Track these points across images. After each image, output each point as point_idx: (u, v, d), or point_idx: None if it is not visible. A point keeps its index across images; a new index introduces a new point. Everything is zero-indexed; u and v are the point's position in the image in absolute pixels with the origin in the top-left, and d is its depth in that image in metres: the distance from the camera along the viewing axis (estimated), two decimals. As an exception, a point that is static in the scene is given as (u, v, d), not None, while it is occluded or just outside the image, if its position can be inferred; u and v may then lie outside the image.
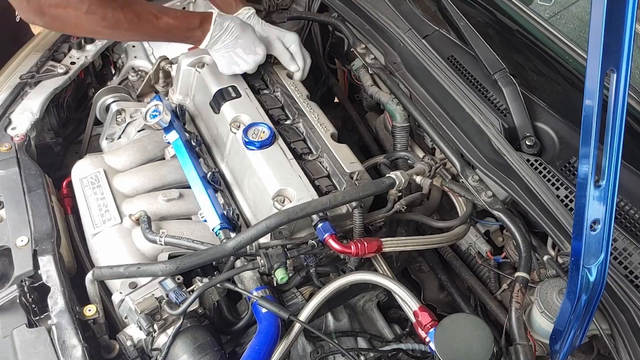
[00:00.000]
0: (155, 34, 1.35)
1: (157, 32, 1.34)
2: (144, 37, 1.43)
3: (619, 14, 0.65)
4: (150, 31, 1.33)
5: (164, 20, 1.33)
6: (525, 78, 1.49)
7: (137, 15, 1.28)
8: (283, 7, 1.85)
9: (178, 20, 1.36)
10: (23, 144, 1.46)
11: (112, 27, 1.24)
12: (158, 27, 1.32)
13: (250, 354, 1.08)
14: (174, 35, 1.38)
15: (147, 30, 1.32)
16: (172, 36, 1.38)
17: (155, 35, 1.37)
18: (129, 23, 1.26)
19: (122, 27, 1.26)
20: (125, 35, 1.38)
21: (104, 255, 1.28)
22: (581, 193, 0.78)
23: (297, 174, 1.32)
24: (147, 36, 1.40)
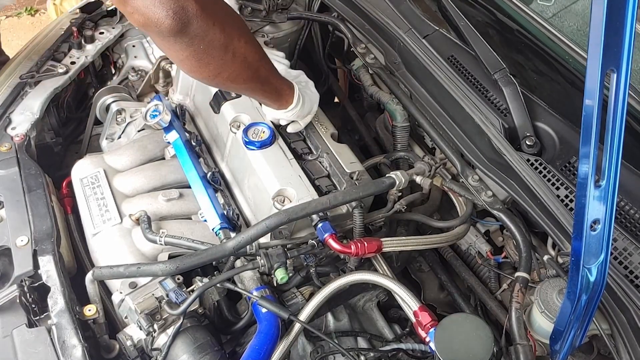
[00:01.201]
0: (258, 90, 1.26)
1: (264, 80, 1.24)
2: (243, 88, 1.26)
3: (619, 14, 0.65)
4: (258, 87, 1.24)
5: (267, 60, 1.23)
6: (525, 78, 1.49)
7: (265, 68, 1.21)
8: (283, 7, 1.85)
9: (281, 83, 1.30)
10: (23, 144, 1.46)
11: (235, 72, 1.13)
12: (264, 88, 1.26)
13: (250, 354, 1.08)
14: (267, 94, 1.29)
15: (255, 85, 1.23)
16: (264, 95, 1.30)
17: (253, 90, 1.27)
18: (257, 71, 1.18)
19: (246, 74, 1.15)
20: (240, 79, 1.18)
21: (104, 255, 1.28)
22: (581, 193, 0.78)
23: (297, 173, 1.32)
24: (251, 89, 1.26)
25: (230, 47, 1.09)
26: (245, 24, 1.20)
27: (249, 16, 1.82)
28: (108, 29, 1.86)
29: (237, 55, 1.11)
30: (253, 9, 1.83)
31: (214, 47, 1.06)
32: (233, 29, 1.09)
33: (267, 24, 1.84)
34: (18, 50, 1.76)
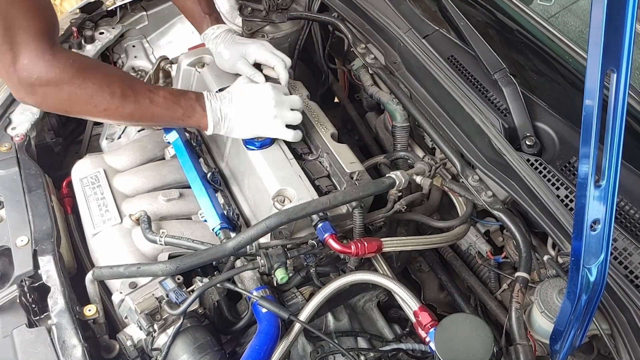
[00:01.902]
0: (149, 109, 1.23)
1: (152, 107, 1.23)
2: (141, 116, 1.24)
3: (619, 14, 0.65)
4: (145, 106, 1.22)
5: (161, 93, 1.24)
6: (525, 78, 1.49)
7: (133, 89, 1.21)
8: (283, 7, 1.85)
9: (174, 94, 1.28)
10: (23, 144, 1.46)
11: (106, 101, 1.17)
12: (153, 100, 1.22)
13: (250, 354, 1.08)
14: (172, 110, 1.26)
15: (143, 104, 1.21)
16: (170, 111, 1.26)
17: (150, 112, 1.24)
18: (124, 98, 1.18)
19: (117, 102, 1.18)
20: (121, 113, 1.20)
21: (104, 255, 1.28)
22: (581, 193, 0.78)
23: (297, 173, 1.32)
24: (141, 113, 1.23)
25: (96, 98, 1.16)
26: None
27: (249, 16, 1.82)
28: (108, 29, 1.87)
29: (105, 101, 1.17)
30: (253, 9, 1.83)
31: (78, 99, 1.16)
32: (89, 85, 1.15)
33: (267, 24, 1.85)
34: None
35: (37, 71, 1.08)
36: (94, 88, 1.15)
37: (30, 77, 1.08)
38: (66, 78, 1.12)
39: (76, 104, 1.16)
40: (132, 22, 1.96)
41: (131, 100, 1.20)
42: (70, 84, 1.12)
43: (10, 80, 1.10)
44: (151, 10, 1.99)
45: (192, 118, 1.29)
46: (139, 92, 1.22)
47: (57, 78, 1.10)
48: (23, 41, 1.05)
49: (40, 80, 1.09)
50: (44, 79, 1.09)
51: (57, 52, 1.11)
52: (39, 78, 1.09)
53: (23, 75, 1.08)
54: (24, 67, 1.07)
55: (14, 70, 1.07)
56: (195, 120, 1.29)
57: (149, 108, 1.23)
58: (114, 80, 1.20)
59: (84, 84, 1.14)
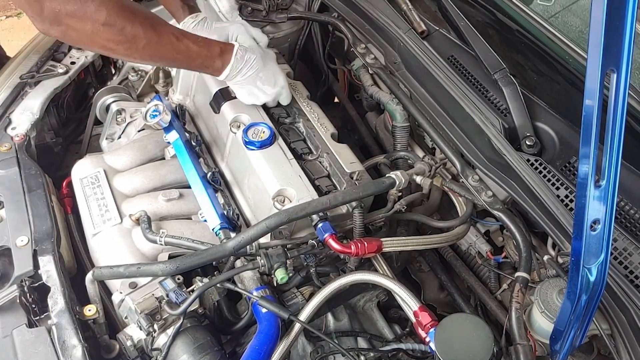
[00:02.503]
0: (173, 56, 1.26)
1: (176, 55, 1.25)
2: (161, 59, 1.28)
3: (619, 14, 0.65)
4: (169, 53, 1.24)
5: (184, 42, 1.25)
6: (525, 78, 1.49)
7: (156, 33, 1.20)
8: (283, 7, 1.85)
9: (198, 45, 1.29)
10: (23, 144, 1.46)
11: (129, 41, 1.16)
12: (178, 49, 1.24)
13: (250, 354, 1.08)
14: (192, 60, 1.30)
15: (165, 51, 1.23)
16: (190, 61, 1.30)
17: (173, 59, 1.27)
18: (148, 40, 1.18)
19: (140, 44, 1.17)
20: (142, 55, 1.21)
21: (104, 255, 1.28)
22: (581, 193, 0.77)
23: (297, 173, 1.32)
24: (165, 58, 1.27)
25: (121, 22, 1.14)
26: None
27: (249, 16, 1.82)
28: (108, 29, 1.86)
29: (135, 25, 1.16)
30: (253, 9, 1.82)
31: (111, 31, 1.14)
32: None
33: (267, 24, 1.84)
34: (18, 50, 1.76)
35: (61, 1, 1.07)
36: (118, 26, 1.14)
37: (55, 7, 1.06)
38: (89, 12, 1.10)
39: (99, 38, 1.14)
40: (132, 22, 1.95)
41: (156, 44, 1.21)
42: (93, 19, 1.10)
43: (34, 10, 1.08)
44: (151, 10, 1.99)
45: (207, 69, 1.34)
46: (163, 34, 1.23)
47: (81, 10, 1.09)
48: None
49: (65, 12, 1.07)
50: (69, 10, 1.08)
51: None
52: (63, 9, 1.07)
53: (48, 5, 1.06)
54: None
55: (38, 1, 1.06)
56: (209, 70, 1.35)
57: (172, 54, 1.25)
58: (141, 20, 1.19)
59: (109, 20, 1.12)
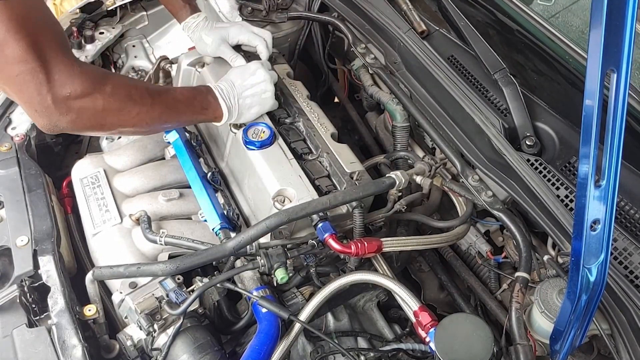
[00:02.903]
0: (174, 106, 1.26)
1: (176, 103, 1.26)
2: (169, 115, 1.25)
3: (619, 14, 0.65)
4: (171, 103, 1.25)
5: (178, 91, 1.31)
6: (525, 78, 1.49)
7: (155, 90, 1.25)
8: (283, 7, 1.85)
9: (188, 90, 1.33)
10: (23, 144, 1.46)
11: (138, 104, 1.16)
12: (175, 98, 1.26)
13: (250, 353, 1.08)
14: (192, 105, 1.30)
15: (168, 101, 1.24)
16: (191, 106, 1.30)
17: (176, 108, 1.26)
18: (152, 98, 1.19)
19: (147, 102, 1.18)
20: (152, 115, 1.21)
21: (104, 255, 1.28)
22: (581, 193, 0.78)
23: (297, 173, 1.32)
24: (169, 110, 1.25)
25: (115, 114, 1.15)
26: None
27: (249, 16, 1.82)
28: (108, 29, 1.87)
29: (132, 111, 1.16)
30: (253, 9, 1.83)
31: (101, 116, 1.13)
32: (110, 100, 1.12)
33: (267, 24, 1.84)
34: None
35: (70, 84, 1.04)
36: (124, 93, 1.14)
37: (64, 92, 1.03)
38: (98, 86, 1.09)
39: (111, 113, 1.13)
40: (132, 22, 1.96)
41: (158, 99, 1.21)
42: (101, 92, 1.09)
43: (44, 102, 1.03)
44: (151, 10, 1.99)
45: (208, 110, 1.32)
46: (161, 90, 1.26)
47: (90, 88, 1.07)
48: (51, 57, 1.01)
49: (75, 93, 1.05)
50: (79, 91, 1.05)
51: (81, 64, 1.09)
52: (73, 91, 1.04)
53: (57, 92, 1.03)
54: (57, 83, 1.02)
55: (47, 89, 1.01)
56: (211, 112, 1.32)
57: (174, 104, 1.25)
58: (136, 83, 1.23)
59: (114, 90, 1.12)
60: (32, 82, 1.00)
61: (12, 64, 0.97)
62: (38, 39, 0.99)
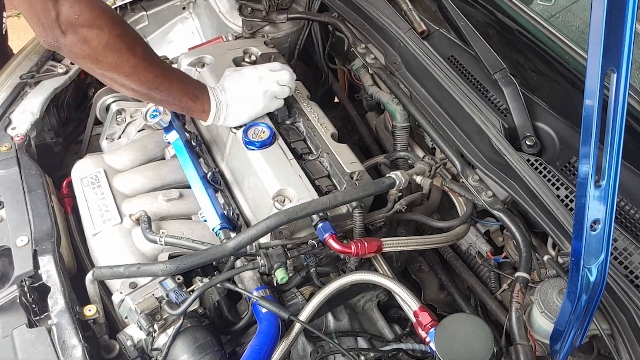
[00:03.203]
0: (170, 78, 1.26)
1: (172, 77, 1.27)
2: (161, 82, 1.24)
3: (619, 14, 0.65)
4: (168, 74, 1.26)
5: (177, 70, 1.32)
6: (525, 78, 1.49)
7: (158, 57, 1.26)
8: (283, 7, 1.85)
9: (187, 76, 1.34)
10: (23, 144, 1.46)
11: (137, 57, 1.16)
12: (174, 72, 1.29)
13: (251, 354, 1.08)
14: (185, 87, 1.30)
15: (166, 71, 1.25)
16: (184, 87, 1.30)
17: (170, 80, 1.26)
18: (153, 58, 1.21)
19: (147, 60, 1.19)
20: (146, 75, 1.20)
21: (104, 255, 1.28)
22: (581, 193, 0.77)
23: (297, 173, 1.32)
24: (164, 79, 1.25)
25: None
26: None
27: (249, 16, 1.82)
28: (108, 29, 1.86)
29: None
30: (253, 9, 1.83)
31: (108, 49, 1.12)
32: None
33: (267, 24, 1.84)
34: (18, 50, 1.76)
35: (80, 7, 1.03)
36: (129, 42, 1.14)
37: (73, 13, 1.03)
38: (108, 24, 1.09)
39: (110, 53, 1.12)
40: (132, 22, 1.96)
41: (157, 63, 1.22)
42: (110, 31, 1.09)
43: (48, 16, 1.02)
44: (151, 10, 1.99)
45: (199, 99, 1.32)
46: (162, 60, 1.27)
47: (99, 22, 1.07)
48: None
49: (83, 20, 1.04)
50: (87, 20, 1.05)
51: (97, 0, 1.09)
52: (82, 16, 1.04)
53: (65, 10, 1.02)
54: (67, 3, 1.02)
55: (53, 3, 1.01)
56: (200, 103, 1.32)
57: (170, 76, 1.25)
58: (143, 42, 1.22)
59: (122, 34, 1.12)
60: None
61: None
62: None
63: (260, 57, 1.65)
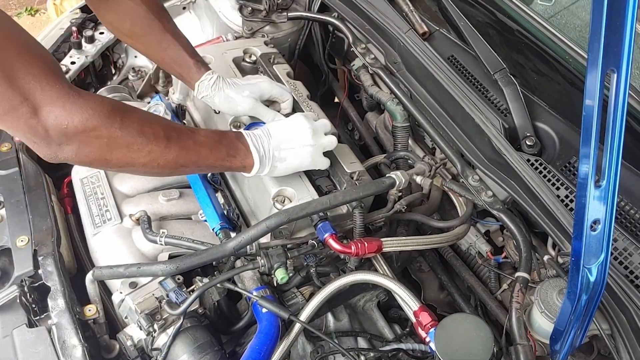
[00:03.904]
0: (195, 149, 1.11)
1: (198, 147, 1.12)
2: (187, 158, 1.11)
3: (619, 14, 0.65)
4: (191, 145, 1.10)
5: (201, 133, 1.15)
6: (525, 78, 1.49)
7: (174, 129, 1.10)
8: (283, 7, 1.85)
9: (214, 133, 1.18)
10: (23, 144, 1.46)
11: (150, 142, 1.03)
12: (197, 140, 1.12)
13: (251, 354, 1.08)
14: (217, 150, 1.15)
15: (188, 144, 1.10)
16: (215, 151, 1.15)
17: (196, 152, 1.12)
18: (168, 138, 1.06)
19: (161, 143, 1.05)
20: (166, 157, 1.07)
21: (104, 255, 1.28)
22: (581, 193, 0.78)
23: (297, 174, 1.32)
24: (188, 153, 1.10)
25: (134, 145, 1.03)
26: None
27: (249, 16, 1.82)
28: (108, 29, 1.86)
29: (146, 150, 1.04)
30: (253, 9, 1.83)
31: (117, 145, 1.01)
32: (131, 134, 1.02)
33: (267, 24, 1.85)
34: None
35: (66, 116, 0.93)
36: (135, 128, 1.02)
37: (61, 124, 0.93)
38: (103, 120, 0.97)
39: (117, 148, 1.01)
40: (132, 22, 1.95)
41: (175, 140, 1.08)
42: (108, 125, 0.98)
43: (37, 134, 0.93)
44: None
45: (236, 157, 1.18)
46: (182, 131, 1.11)
47: (92, 120, 0.96)
48: (36, 88, 0.90)
49: (74, 126, 0.94)
50: (78, 123, 0.94)
51: (81, 92, 0.97)
52: (71, 123, 0.94)
53: (51, 123, 0.92)
54: (50, 115, 0.92)
55: (37, 121, 0.91)
56: (239, 159, 1.18)
57: (194, 149, 1.11)
58: (153, 120, 1.10)
59: (124, 124, 1.00)
60: (20, 119, 0.91)
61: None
62: (16, 69, 0.88)
63: (260, 57, 1.66)
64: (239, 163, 1.19)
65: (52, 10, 3.72)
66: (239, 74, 1.57)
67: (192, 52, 1.37)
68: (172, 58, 1.35)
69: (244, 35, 1.83)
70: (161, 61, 1.39)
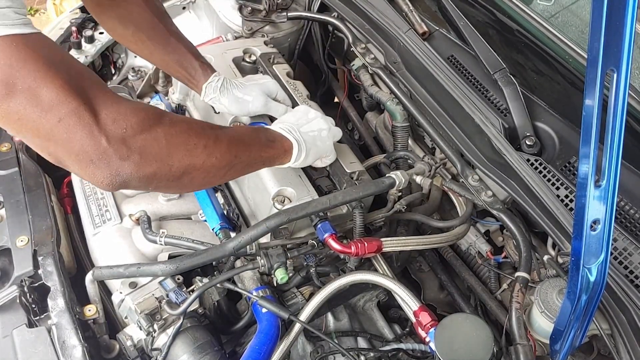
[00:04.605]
0: (240, 138, 1.11)
1: (240, 136, 1.12)
2: (238, 147, 1.09)
3: (619, 14, 0.65)
4: (234, 135, 1.10)
5: (234, 127, 1.17)
6: (525, 78, 1.49)
7: (212, 124, 1.10)
8: (283, 6, 1.85)
9: (245, 127, 1.19)
10: (23, 144, 1.46)
11: (202, 137, 1.01)
12: (236, 131, 1.13)
13: (250, 353, 1.08)
14: (257, 138, 1.16)
15: (231, 134, 1.10)
16: (257, 139, 1.15)
17: (242, 141, 1.11)
18: (213, 129, 1.06)
19: (210, 135, 1.04)
20: (220, 148, 1.04)
21: (104, 255, 1.28)
22: (581, 193, 0.78)
23: (297, 173, 1.32)
24: (237, 143, 1.09)
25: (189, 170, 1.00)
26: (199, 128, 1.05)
27: (249, 16, 1.82)
28: (108, 29, 1.86)
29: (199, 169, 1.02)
30: (253, 9, 1.83)
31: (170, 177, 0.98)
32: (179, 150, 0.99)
33: (267, 24, 1.85)
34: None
35: (123, 119, 0.89)
36: (184, 126, 1.00)
37: (119, 129, 0.89)
38: (155, 119, 0.95)
39: (176, 148, 0.97)
40: (132, 22, 1.95)
41: (219, 131, 1.07)
42: (160, 124, 0.95)
43: (98, 146, 0.87)
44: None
45: (275, 143, 1.18)
46: (216, 126, 1.11)
47: (147, 121, 0.93)
48: (93, 93, 0.88)
49: (132, 128, 0.90)
50: (136, 126, 0.91)
51: (128, 99, 0.95)
52: (129, 127, 0.90)
53: (111, 130, 0.88)
54: (109, 120, 0.88)
55: (99, 129, 0.86)
56: (279, 145, 1.19)
57: (239, 137, 1.11)
58: (190, 118, 1.11)
59: (172, 123, 0.98)
60: (79, 125, 0.85)
61: (50, 110, 0.83)
62: (73, 75, 0.86)
63: (260, 57, 1.66)
64: (280, 148, 1.19)
65: (52, 10, 3.72)
66: (239, 74, 1.57)
67: (197, 54, 1.37)
68: (178, 61, 1.34)
69: (244, 35, 1.83)
70: (166, 65, 1.37)
